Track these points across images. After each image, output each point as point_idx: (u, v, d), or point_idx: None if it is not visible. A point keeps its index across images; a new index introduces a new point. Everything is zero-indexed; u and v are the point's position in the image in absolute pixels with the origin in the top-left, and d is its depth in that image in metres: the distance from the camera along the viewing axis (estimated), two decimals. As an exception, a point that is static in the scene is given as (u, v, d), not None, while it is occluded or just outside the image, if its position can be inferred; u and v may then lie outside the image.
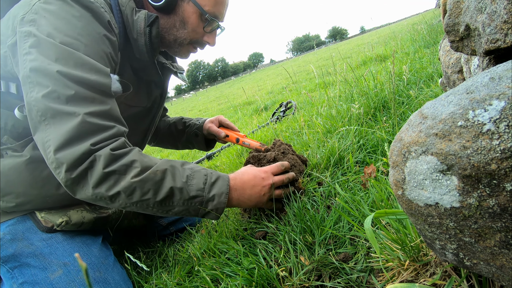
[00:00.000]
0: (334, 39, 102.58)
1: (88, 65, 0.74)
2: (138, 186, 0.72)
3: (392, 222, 0.59)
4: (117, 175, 0.72)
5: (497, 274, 0.37)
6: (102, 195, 0.72)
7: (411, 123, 0.39)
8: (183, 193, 0.76)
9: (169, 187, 0.75)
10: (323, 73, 3.53)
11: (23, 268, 0.81)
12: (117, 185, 0.71)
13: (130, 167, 0.73)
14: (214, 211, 0.80)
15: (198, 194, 0.77)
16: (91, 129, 0.72)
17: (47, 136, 0.70)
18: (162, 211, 0.77)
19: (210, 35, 1.01)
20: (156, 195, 0.74)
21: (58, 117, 0.70)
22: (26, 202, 0.84)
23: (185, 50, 1.03)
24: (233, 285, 0.71)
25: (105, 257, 0.90)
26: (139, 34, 0.89)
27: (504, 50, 0.44)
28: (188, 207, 0.78)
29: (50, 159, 0.71)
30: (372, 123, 1.27)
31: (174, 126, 1.40)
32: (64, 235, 0.88)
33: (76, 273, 0.82)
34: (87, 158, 0.70)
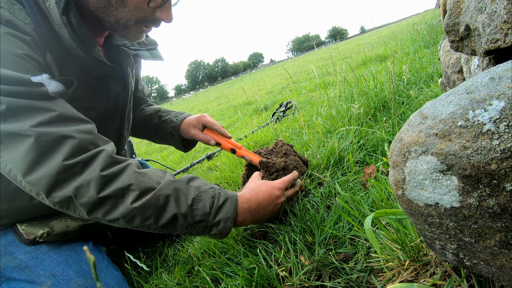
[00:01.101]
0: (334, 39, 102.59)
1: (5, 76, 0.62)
2: (138, 212, 0.67)
3: (392, 222, 0.59)
4: (113, 200, 0.66)
5: (497, 274, 0.37)
6: (99, 219, 0.68)
7: (411, 123, 0.39)
8: (187, 219, 0.72)
9: (173, 213, 0.70)
10: (323, 73, 3.53)
11: (10, 282, 0.78)
12: (115, 211, 0.66)
13: (127, 191, 0.66)
14: (218, 234, 0.76)
15: (203, 219, 0.73)
16: (52, 142, 0.63)
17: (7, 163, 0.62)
18: (163, 232, 0.74)
19: (162, 10, 0.81)
20: (158, 221, 0.70)
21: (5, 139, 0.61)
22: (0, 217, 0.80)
23: (133, 31, 0.84)
24: (233, 285, 0.71)
25: (97, 262, 0.87)
26: (60, 26, 0.73)
27: (504, 50, 0.44)
28: (191, 230, 0.74)
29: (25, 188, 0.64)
30: (372, 123, 1.27)
31: (150, 119, 1.24)
32: (50, 245, 0.84)
33: (65, 283, 0.79)
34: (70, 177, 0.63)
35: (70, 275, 0.80)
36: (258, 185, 0.86)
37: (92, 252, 0.90)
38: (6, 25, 0.67)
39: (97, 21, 0.82)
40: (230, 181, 1.50)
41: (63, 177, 0.63)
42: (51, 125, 0.64)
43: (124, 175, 0.67)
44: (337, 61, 5.34)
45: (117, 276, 0.89)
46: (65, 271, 0.81)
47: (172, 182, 0.73)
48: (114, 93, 0.96)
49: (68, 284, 0.79)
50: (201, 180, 0.79)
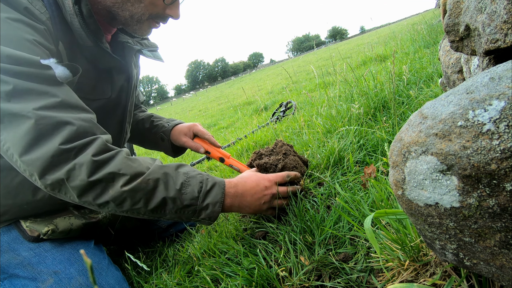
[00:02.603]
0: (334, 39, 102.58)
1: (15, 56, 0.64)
2: (129, 195, 0.69)
3: (392, 222, 0.59)
4: (104, 183, 0.67)
5: (497, 274, 0.37)
6: (89, 202, 0.69)
7: (411, 123, 0.39)
8: (176, 203, 0.73)
9: (162, 197, 0.72)
10: (323, 73, 3.54)
11: (12, 279, 0.79)
12: (105, 194, 0.68)
13: (118, 175, 0.68)
14: (207, 219, 0.78)
15: (191, 203, 0.75)
16: (51, 126, 0.64)
17: (5, 142, 0.64)
18: (153, 217, 0.76)
19: (172, 7, 0.88)
20: (147, 204, 0.71)
21: (6, 119, 0.63)
22: (3, 212, 0.81)
23: (145, 26, 0.89)
24: (233, 285, 0.71)
25: (98, 261, 0.88)
26: (71, 16, 0.77)
27: (504, 50, 0.44)
28: (180, 215, 0.76)
29: (20, 167, 0.65)
30: (372, 123, 1.27)
31: (142, 123, 1.27)
32: (53, 243, 0.85)
33: (68, 281, 0.79)
34: (63, 161, 0.65)
35: (72, 273, 0.81)
36: (249, 175, 0.89)
37: (94, 251, 0.90)
38: (22, 13, 0.70)
39: (109, 16, 0.86)
40: (230, 181, 1.50)
41: (58, 160, 0.64)
42: (52, 110, 0.66)
43: (115, 161, 0.69)
44: (337, 61, 5.34)
45: (117, 276, 0.89)
46: (67, 269, 0.81)
47: (162, 167, 0.75)
48: (117, 85, 0.98)
49: (70, 282, 0.79)
50: (189, 167, 0.80)
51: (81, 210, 0.93)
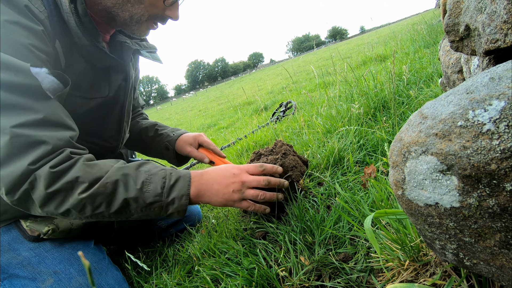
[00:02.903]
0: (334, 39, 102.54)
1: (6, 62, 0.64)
2: (88, 201, 0.69)
3: (392, 222, 0.59)
4: (63, 193, 0.68)
5: (497, 274, 0.37)
6: (52, 212, 0.70)
7: (411, 123, 0.39)
8: (138, 202, 0.73)
9: (123, 198, 0.72)
10: (323, 73, 3.54)
11: (12, 279, 0.79)
12: (65, 203, 0.68)
13: (75, 183, 0.68)
14: (175, 213, 0.78)
15: (156, 200, 0.74)
16: (25, 144, 0.65)
17: None
18: (121, 218, 0.75)
19: (172, 8, 0.88)
20: (109, 207, 0.71)
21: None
22: (3, 211, 0.81)
23: (144, 27, 0.90)
24: (233, 285, 0.71)
25: (98, 261, 0.88)
26: (68, 14, 0.78)
27: (504, 50, 0.44)
28: (147, 212, 0.75)
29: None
30: (372, 123, 1.27)
31: (145, 132, 1.27)
32: (53, 243, 0.85)
33: (67, 281, 0.79)
34: (27, 179, 0.66)
35: (71, 273, 0.81)
36: (219, 165, 0.90)
37: (93, 251, 0.90)
38: (22, 11, 0.70)
39: (108, 17, 0.86)
40: (230, 181, 1.50)
41: (23, 179, 0.65)
42: (31, 128, 0.66)
43: (73, 170, 0.69)
44: (337, 61, 5.34)
45: (117, 276, 0.89)
46: (67, 269, 0.81)
47: (120, 169, 0.74)
48: (115, 84, 0.98)
49: (70, 282, 0.79)
50: (152, 164, 0.80)
51: None
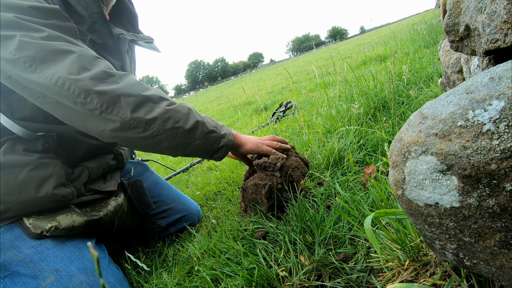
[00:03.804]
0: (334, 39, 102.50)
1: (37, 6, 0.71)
2: (171, 114, 0.78)
3: (392, 222, 0.59)
4: (152, 102, 0.76)
5: (497, 274, 0.37)
6: (140, 119, 0.74)
7: (411, 123, 0.39)
8: (204, 127, 0.84)
9: (195, 119, 0.83)
10: (323, 73, 3.53)
11: (13, 277, 0.79)
12: (153, 111, 0.76)
13: (160, 97, 0.79)
14: (224, 147, 0.89)
15: (213, 130, 0.87)
16: (91, 57, 0.73)
17: (53, 75, 0.68)
18: (184, 144, 0.82)
19: None
20: (185, 124, 0.81)
21: (50, 56, 0.68)
22: (6, 209, 0.81)
23: None
24: (233, 285, 0.71)
25: (99, 260, 0.88)
26: None
27: (504, 50, 0.44)
28: (206, 140, 0.85)
29: (74, 92, 0.69)
30: (372, 123, 1.27)
31: None
32: (54, 241, 0.85)
33: (68, 279, 0.79)
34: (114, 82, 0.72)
35: (72, 271, 0.81)
36: None
37: (95, 250, 0.90)
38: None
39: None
40: (230, 181, 1.50)
41: (107, 80, 0.73)
42: (85, 48, 0.76)
43: (153, 88, 0.81)
44: (337, 61, 5.34)
45: (118, 275, 0.89)
46: (68, 267, 0.81)
47: (185, 103, 0.86)
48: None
49: (71, 280, 0.80)
50: None
51: (83, 208, 0.93)
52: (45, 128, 0.87)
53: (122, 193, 1.09)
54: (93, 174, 1.01)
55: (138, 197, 1.14)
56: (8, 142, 0.83)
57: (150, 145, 0.80)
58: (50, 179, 0.84)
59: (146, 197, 1.16)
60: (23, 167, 0.81)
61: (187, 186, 1.85)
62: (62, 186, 0.86)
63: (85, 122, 0.75)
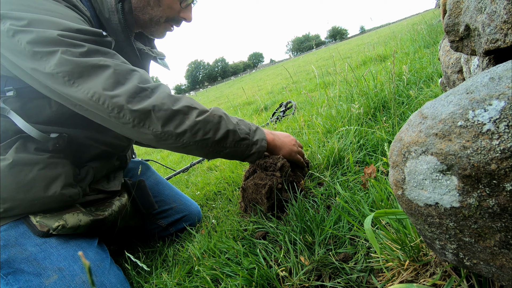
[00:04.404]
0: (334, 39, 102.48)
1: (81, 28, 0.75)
2: (201, 126, 0.80)
3: (392, 222, 0.59)
4: (182, 115, 0.79)
5: (497, 274, 0.37)
6: (170, 133, 0.78)
7: (411, 123, 0.39)
8: (235, 135, 0.86)
9: (226, 129, 0.84)
10: (323, 73, 3.53)
11: (17, 275, 0.80)
12: (184, 123, 0.79)
13: (191, 108, 0.80)
14: (256, 153, 0.92)
15: (245, 137, 0.89)
16: (126, 71, 0.76)
17: (89, 90, 0.72)
18: (215, 152, 0.85)
19: (186, 11, 1.00)
20: (215, 134, 0.83)
21: (86, 72, 0.72)
22: (13, 207, 0.82)
23: (162, 29, 1.02)
24: (233, 285, 0.71)
25: (101, 260, 0.88)
26: (111, 12, 0.89)
27: (504, 50, 0.44)
28: (236, 148, 0.87)
29: (108, 107, 0.73)
30: (372, 123, 1.27)
31: None
32: (58, 240, 0.86)
33: (71, 278, 0.80)
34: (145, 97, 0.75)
35: (75, 270, 0.82)
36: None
37: (97, 250, 0.91)
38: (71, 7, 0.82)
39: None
40: (230, 181, 1.50)
41: (140, 95, 0.76)
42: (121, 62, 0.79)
43: (184, 98, 0.83)
44: (337, 61, 5.34)
45: (119, 275, 0.90)
46: (71, 266, 0.82)
47: (219, 109, 0.88)
48: None
49: (73, 279, 0.80)
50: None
51: (87, 208, 0.94)
52: (57, 131, 0.88)
53: (125, 193, 1.10)
54: (97, 175, 1.01)
55: (141, 197, 1.15)
56: (20, 140, 0.84)
57: (182, 151, 0.84)
58: (59, 179, 0.85)
59: (149, 197, 1.17)
60: (34, 166, 0.82)
61: (187, 186, 1.85)
62: (69, 186, 0.87)
63: (121, 131, 0.80)
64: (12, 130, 0.84)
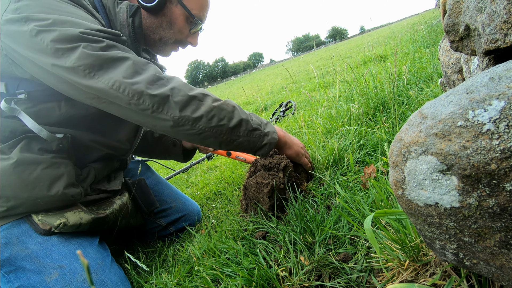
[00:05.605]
0: (334, 39, 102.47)
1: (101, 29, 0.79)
2: (217, 111, 0.83)
3: (392, 222, 0.59)
4: (198, 100, 0.82)
5: (497, 274, 0.37)
6: (187, 117, 0.80)
7: (411, 123, 0.39)
8: (248, 124, 0.88)
9: (239, 118, 0.87)
10: (323, 73, 3.53)
11: (18, 272, 0.80)
12: (200, 109, 0.81)
13: (205, 95, 0.84)
14: (267, 145, 0.93)
15: (257, 128, 0.91)
16: (143, 63, 0.80)
17: (110, 80, 0.75)
18: (228, 140, 0.87)
19: (193, 36, 1.08)
20: (229, 122, 0.85)
21: (106, 64, 0.75)
22: (17, 205, 0.83)
23: (168, 49, 1.08)
24: (233, 285, 0.71)
25: (102, 258, 0.89)
26: (122, 26, 0.94)
27: (504, 50, 0.44)
28: (249, 138, 0.89)
29: (129, 94, 0.75)
30: (372, 123, 1.27)
31: (150, 134, 1.35)
32: (60, 238, 0.87)
33: (72, 276, 0.81)
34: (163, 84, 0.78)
35: (76, 268, 0.82)
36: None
37: (98, 249, 0.92)
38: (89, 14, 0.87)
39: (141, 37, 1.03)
40: (230, 181, 1.50)
41: (157, 82, 0.79)
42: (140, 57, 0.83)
43: (198, 88, 0.86)
44: (337, 61, 5.34)
45: (120, 274, 0.90)
46: (72, 264, 0.83)
47: (230, 101, 0.90)
48: None
49: (74, 277, 0.81)
50: None
51: (89, 207, 0.95)
52: (63, 133, 0.90)
53: (126, 192, 1.11)
54: (99, 175, 1.02)
55: (142, 195, 1.16)
56: (25, 140, 0.85)
57: (197, 140, 0.86)
58: (62, 179, 0.86)
59: (150, 195, 1.18)
60: (37, 165, 0.83)
61: (187, 186, 1.85)
62: (71, 186, 0.88)
63: (138, 119, 0.81)
64: (20, 131, 0.85)
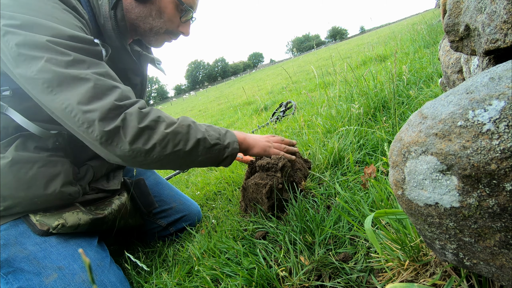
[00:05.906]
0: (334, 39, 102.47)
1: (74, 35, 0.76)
2: (171, 138, 0.79)
3: (392, 222, 0.59)
4: (149, 130, 0.78)
5: (497, 274, 0.37)
6: (139, 149, 0.76)
7: (411, 123, 0.39)
8: (206, 142, 0.85)
9: (195, 138, 0.83)
10: (323, 73, 3.53)
11: (17, 274, 0.80)
12: (152, 139, 0.77)
13: (158, 122, 0.80)
14: (229, 157, 0.91)
15: (216, 143, 0.88)
16: (106, 87, 0.75)
17: (64, 101, 0.71)
18: (188, 162, 0.84)
19: (184, 25, 1.05)
20: (185, 145, 0.82)
21: (66, 82, 0.71)
22: (13, 205, 0.82)
23: (160, 39, 1.05)
24: (233, 285, 0.71)
25: (101, 259, 0.89)
26: (105, 19, 0.92)
27: (504, 50, 0.44)
28: (210, 155, 0.87)
29: (79, 120, 0.72)
30: (372, 123, 1.27)
31: None
32: (58, 239, 0.86)
33: (71, 277, 0.80)
34: (117, 115, 0.74)
35: (75, 269, 0.82)
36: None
37: (97, 249, 0.91)
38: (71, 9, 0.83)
39: (131, 28, 1.01)
40: (230, 181, 1.50)
41: (114, 112, 0.74)
42: (104, 77, 0.77)
43: (153, 112, 0.82)
44: (337, 61, 5.34)
45: (119, 274, 0.90)
46: (71, 265, 0.82)
47: (187, 118, 0.87)
48: (133, 84, 1.11)
49: (73, 278, 0.80)
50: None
51: (87, 207, 0.94)
52: (57, 129, 0.88)
53: (125, 192, 1.11)
54: (97, 174, 1.02)
55: (141, 196, 1.16)
56: (20, 138, 0.84)
57: (156, 167, 0.83)
58: (59, 177, 0.86)
59: (149, 195, 1.17)
60: (33, 164, 0.83)
61: (187, 186, 1.85)
62: (69, 184, 0.88)
63: (90, 145, 0.78)
64: (12, 127, 0.84)
